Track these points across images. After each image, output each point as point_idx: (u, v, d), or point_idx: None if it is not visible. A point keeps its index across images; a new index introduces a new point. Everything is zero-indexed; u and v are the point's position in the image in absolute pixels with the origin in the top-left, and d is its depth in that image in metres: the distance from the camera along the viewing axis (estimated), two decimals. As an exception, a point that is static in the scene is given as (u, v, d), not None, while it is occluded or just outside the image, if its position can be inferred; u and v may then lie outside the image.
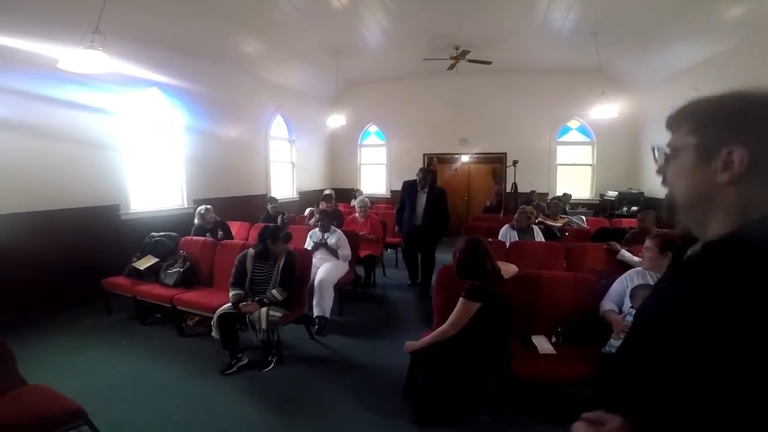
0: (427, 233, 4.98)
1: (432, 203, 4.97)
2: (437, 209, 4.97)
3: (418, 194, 5.02)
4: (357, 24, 5.98)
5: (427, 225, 4.95)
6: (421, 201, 5.00)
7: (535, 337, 2.61)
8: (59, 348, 3.40)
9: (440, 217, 4.99)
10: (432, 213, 4.95)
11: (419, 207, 5.00)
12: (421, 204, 5.00)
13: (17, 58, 3.84)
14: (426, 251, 5.12)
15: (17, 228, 3.98)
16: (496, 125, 8.92)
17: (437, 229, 5.00)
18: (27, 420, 1.78)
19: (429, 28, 6.19)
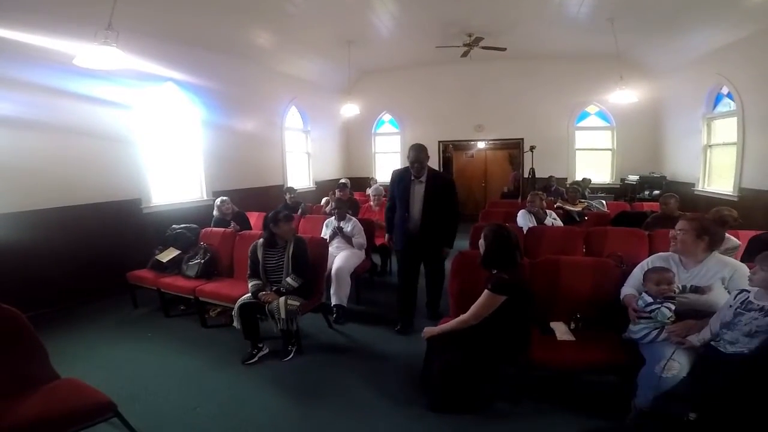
0: (428, 242, 3.53)
1: (433, 198, 3.46)
2: (442, 207, 3.49)
3: (413, 186, 3.51)
4: (367, 13, 5.91)
5: (427, 231, 3.48)
6: (417, 196, 3.49)
7: (553, 324, 2.58)
8: (89, 342, 3.53)
9: (447, 219, 3.54)
10: (433, 212, 3.47)
11: (414, 205, 3.50)
12: (416, 200, 3.49)
13: (38, 55, 3.93)
14: (431, 265, 3.75)
15: (45, 224, 4.13)
16: (512, 111, 8.78)
17: (443, 234, 3.56)
18: (60, 413, 1.83)
19: (441, 16, 6.08)
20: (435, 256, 3.66)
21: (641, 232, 3.72)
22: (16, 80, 3.85)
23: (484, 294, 2.27)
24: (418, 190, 3.49)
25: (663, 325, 2.12)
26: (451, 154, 10.39)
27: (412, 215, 3.50)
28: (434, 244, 3.57)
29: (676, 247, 2.33)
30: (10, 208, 3.87)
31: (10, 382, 1.96)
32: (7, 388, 1.93)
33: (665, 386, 1.94)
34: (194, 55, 5.71)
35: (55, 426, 1.80)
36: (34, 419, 1.76)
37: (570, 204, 5.20)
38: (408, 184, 3.50)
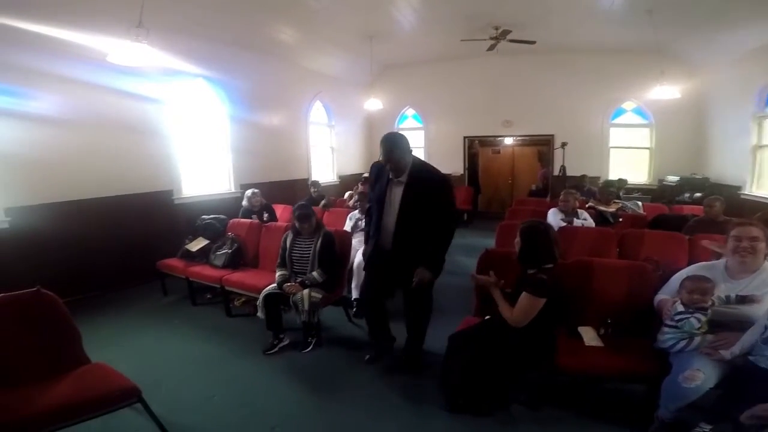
0: (403, 264, 2.64)
1: (414, 205, 2.59)
2: (427, 217, 2.58)
3: (390, 187, 2.68)
4: (388, 8, 5.85)
5: (401, 248, 2.63)
6: (394, 200, 2.66)
7: (581, 328, 2.48)
8: (119, 327, 3.65)
9: (437, 233, 2.63)
10: (412, 224, 2.60)
11: (389, 212, 2.68)
12: (392, 206, 2.66)
13: (76, 52, 4.08)
14: (412, 292, 2.72)
15: (84, 214, 4.31)
16: (542, 107, 8.50)
17: (427, 253, 2.64)
18: (88, 398, 1.90)
19: (465, 9, 5.93)
20: (413, 286, 2.64)
21: (681, 237, 3.52)
22: (56, 77, 4.01)
23: (525, 297, 2.18)
24: (396, 193, 2.62)
25: (691, 335, 2.01)
26: (477, 150, 10.20)
27: (386, 225, 2.65)
28: (411, 267, 2.61)
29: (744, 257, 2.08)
30: (52, 198, 4.06)
31: (45, 365, 2.06)
32: (43, 370, 2.02)
33: (687, 397, 1.86)
34: (222, 51, 5.80)
35: (83, 410, 1.87)
36: (65, 403, 1.83)
37: (603, 204, 4.99)
38: (385, 185, 2.66)
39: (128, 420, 2.25)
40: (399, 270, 2.67)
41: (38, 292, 2.19)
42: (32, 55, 3.80)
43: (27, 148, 3.85)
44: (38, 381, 1.96)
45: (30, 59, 3.80)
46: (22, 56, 3.75)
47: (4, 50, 3.62)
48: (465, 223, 8.43)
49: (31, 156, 3.88)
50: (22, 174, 3.84)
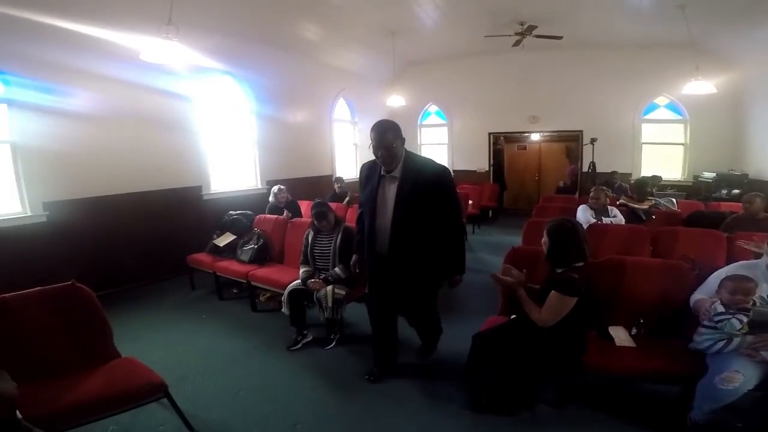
0: (403, 270, 2.40)
1: (410, 202, 2.31)
2: (428, 215, 2.33)
3: (382, 185, 2.41)
4: (410, 4, 5.80)
5: (399, 253, 2.36)
6: (388, 199, 2.38)
7: (612, 328, 2.41)
8: (148, 321, 3.75)
9: (447, 233, 2.41)
10: (410, 224, 2.33)
11: (383, 213, 2.39)
12: (386, 206, 2.38)
13: (110, 50, 4.22)
14: (416, 308, 2.66)
15: (118, 209, 4.48)
16: (570, 102, 8.28)
17: (447, 255, 2.43)
18: (117, 393, 1.94)
19: (489, 5, 5.85)
20: (415, 293, 2.46)
21: (719, 234, 3.36)
22: (92, 74, 4.16)
23: (555, 296, 2.11)
24: (389, 191, 2.33)
25: (731, 336, 1.93)
26: (503, 146, 10.04)
27: (380, 228, 2.35)
28: (412, 274, 2.37)
29: None
30: (86, 193, 4.24)
31: (78, 358, 2.11)
32: (75, 364, 2.08)
33: (724, 399, 1.83)
34: (248, 48, 5.88)
35: (113, 404, 1.92)
36: (96, 397, 1.89)
37: (635, 201, 4.81)
38: (376, 183, 2.38)
39: (155, 414, 2.31)
40: (397, 278, 2.42)
41: (73, 285, 2.24)
42: (69, 53, 3.96)
43: (63, 143, 4.02)
44: (71, 374, 2.01)
45: (67, 57, 3.95)
46: (60, 54, 3.90)
47: (42, 48, 3.78)
48: (490, 221, 8.32)
49: (67, 151, 4.05)
50: (59, 169, 4.01)
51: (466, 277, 2.73)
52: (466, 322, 3.28)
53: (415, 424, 2.29)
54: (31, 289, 2.17)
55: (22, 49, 3.68)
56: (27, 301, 2.11)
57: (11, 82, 3.68)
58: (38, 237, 3.86)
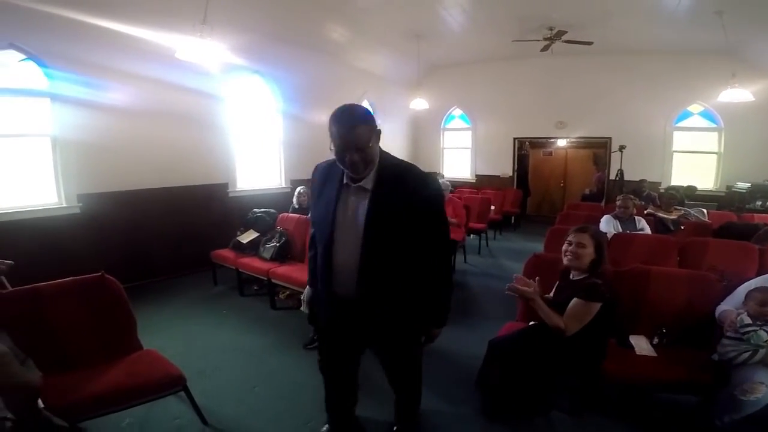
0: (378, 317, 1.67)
1: (389, 223, 1.56)
2: (410, 244, 1.59)
3: (344, 198, 1.63)
4: (436, 7, 5.81)
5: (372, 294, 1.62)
6: (352, 219, 1.60)
7: (633, 337, 2.37)
8: (171, 314, 3.85)
9: (431, 268, 1.68)
10: (389, 256, 1.59)
11: (346, 239, 1.60)
12: (352, 228, 1.59)
13: (145, 48, 4.36)
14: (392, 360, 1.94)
15: (147, 203, 4.63)
16: (598, 108, 8.10)
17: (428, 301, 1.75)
18: (139, 384, 1.98)
19: (518, 11, 5.80)
20: (396, 345, 1.82)
21: (751, 247, 3.23)
22: (127, 71, 4.32)
23: (579, 303, 2.08)
24: (356, 208, 1.59)
25: (756, 347, 1.90)
26: (528, 152, 9.89)
27: (341, 261, 1.61)
28: (392, 322, 1.69)
29: None
30: (117, 186, 4.41)
31: (102, 349, 2.16)
32: (100, 355, 2.13)
33: (746, 409, 1.81)
34: (276, 48, 5.98)
35: (133, 396, 1.96)
36: (115, 389, 1.93)
37: (664, 211, 4.67)
38: (334, 194, 1.62)
39: (170, 406, 2.35)
40: (368, 329, 1.71)
41: (102, 277, 2.28)
42: (108, 51, 4.11)
43: (99, 138, 4.18)
44: (93, 365, 2.05)
45: (105, 54, 4.11)
46: (99, 51, 4.05)
47: (83, 45, 3.94)
48: (512, 227, 8.21)
49: (101, 145, 4.21)
50: (93, 162, 4.17)
51: (486, 283, 2.62)
52: (483, 328, 3.26)
53: (428, 428, 2.28)
54: (62, 279, 2.21)
55: (65, 46, 3.84)
56: (58, 290, 2.16)
57: (54, 76, 3.86)
58: (71, 228, 4.03)
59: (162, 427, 2.25)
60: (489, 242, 6.74)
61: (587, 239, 2.20)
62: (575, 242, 2.21)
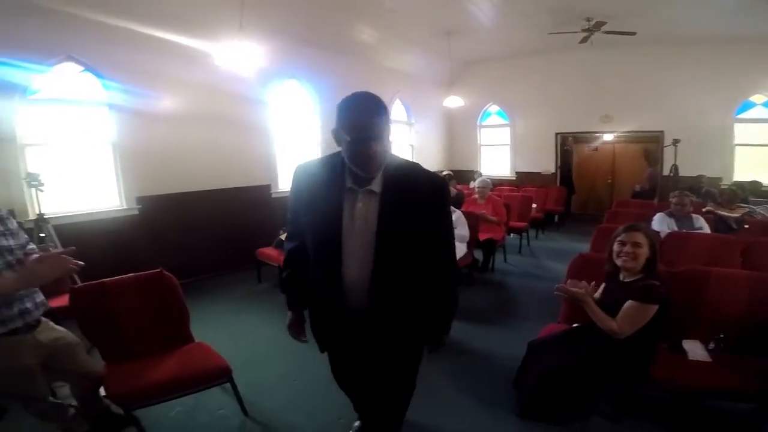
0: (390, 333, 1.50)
1: (402, 233, 1.41)
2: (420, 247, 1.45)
3: (350, 201, 1.42)
4: (465, 3, 5.69)
5: (386, 308, 1.46)
6: (362, 227, 1.41)
7: (687, 342, 2.24)
8: (218, 309, 4.02)
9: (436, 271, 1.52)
10: (401, 264, 1.44)
11: (355, 249, 1.42)
12: (360, 235, 1.41)
13: (187, 55, 4.55)
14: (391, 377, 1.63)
15: (198, 204, 4.89)
16: (648, 101, 7.62)
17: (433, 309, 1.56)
18: (189, 374, 2.08)
19: (550, 3, 5.58)
20: (399, 360, 1.61)
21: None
22: (174, 78, 4.55)
23: (634, 306, 2.00)
24: (365, 213, 1.42)
25: None
26: (571, 147, 9.49)
27: (349, 275, 1.44)
28: (399, 343, 1.55)
29: None
30: (172, 189, 4.69)
31: (158, 341, 2.29)
32: (155, 346, 2.26)
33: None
34: (309, 52, 6.07)
35: (184, 385, 2.07)
36: (170, 378, 2.04)
37: (725, 208, 4.34)
38: (338, 200, 1.42)
39: (216, 397, 2.47)
40: (380, 352, 1.55)
41: (161, 273, 2.40)
42: (156, 59, 4.34)
43: (152, 143, 4.45)
44: (150, 356, 2.17)
45: (154, 63, 4.34)
46: (148, 60, 4.29)
47: (134, 55, 4.19)
48: (555, 226, 7.93)
49: (155, 150, 4.48)
50: (148, 166, 4.44)
51: (527, 283, 2.57)
52: (523, 329, 3.19)
53: (462, 426, 2.27)
54: (125, 275, 2.35)
55: (117, 56, 4.10)
56: (122, 285, 2.30)
57: (110, 87, 4.15)
58: (131, 228, 4.34)
59: (207, 417, 2.36)
60: (530, 241, 6.54)
61: (642, 238, 2.10)
62: (630, 242, 2.11)
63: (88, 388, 2.04)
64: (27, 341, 1.72)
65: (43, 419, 1.90)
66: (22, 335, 1.70)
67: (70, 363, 1.92)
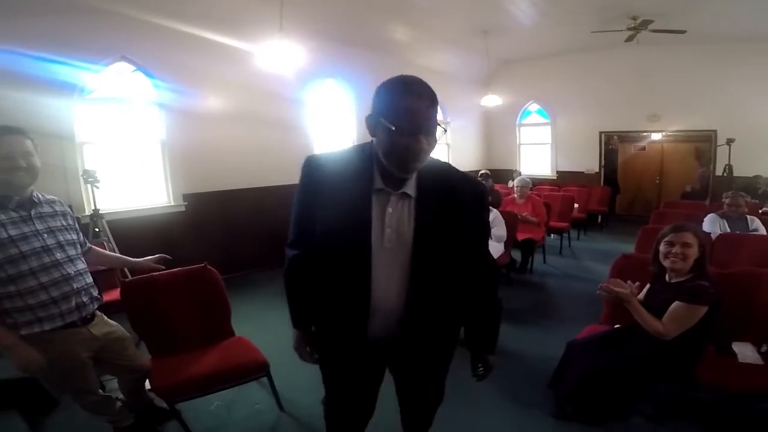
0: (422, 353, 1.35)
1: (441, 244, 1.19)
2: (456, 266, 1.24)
3: (378, 206, 1.17)
4: (503, 2, 5.56)
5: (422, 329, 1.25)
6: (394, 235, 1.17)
7: (737, 344, 2.15)
8: (256, 305, 4.11)
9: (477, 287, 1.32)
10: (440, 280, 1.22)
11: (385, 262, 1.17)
12: (395, 248, 1.17)
13: (226, 53, 4.72)
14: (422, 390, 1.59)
15: (241, 202, 5.09)
16: (699, 99, 7.18)
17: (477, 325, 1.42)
18: (229, 367, 2.11)
19: (593, 1, 5.37)
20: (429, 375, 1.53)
21: None
22: (219, 80, 4.75)
23: (682, 306, 1.93)
24: (396, 222, 1.18)
25: None
26: (616, 147, 9.10)
27: (378, 294, 1.20)
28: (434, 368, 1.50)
29: None
30: (216, 186, 4.89)
31: (201, 335, 2.33)
32: (200, 340, 2.30)
33: None
34: (345, 51, 6.13)
35: (225, 379, 2.11)
36: (212, 371, 2.07)
37: (785, 209, 4.05)
38: (365, 200, 1.18)
39: (253, 392, 2.52)
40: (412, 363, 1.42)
41: (205, 268, 2.43)
42: (201, 60, 4.54)
43: (198, 142, 4.65)
44: (193, 349, 2.20)
45: (200, 63, 4.54)
46: (195, 61, 4.50)
47: (181, 55, 4.39)
48: (598, 227, 7.64)
49: (199, 148, 4.67)
50: (194, 164, 4.65)
51: (567, 284, 2.48)
52: (560, 330, 3.12)
53: (494, 426, 2.25)
54: (173, 269, 2.36)
55: (166, 56, 4.32)
56: (170, 279, 2.33)
57: (160, 86, 4.39)
58: (178, 224, 4.56)
59: (244, 411, 2.42)
60: (572, 242, 6.33)
61: (691, 238, 2.01)
62: (679, 242, 2.02)
63: (136, 382, 2.10)
64: (82, 334, 1.77)
65: (92, 411, 1.94)
66: (77, 328, 1.75)
67: (120, 357, 1.96)
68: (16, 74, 3.41)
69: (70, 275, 1.71)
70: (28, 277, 1.59)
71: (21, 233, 1.61)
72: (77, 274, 1.76)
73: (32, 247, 1.62)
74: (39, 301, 1.62)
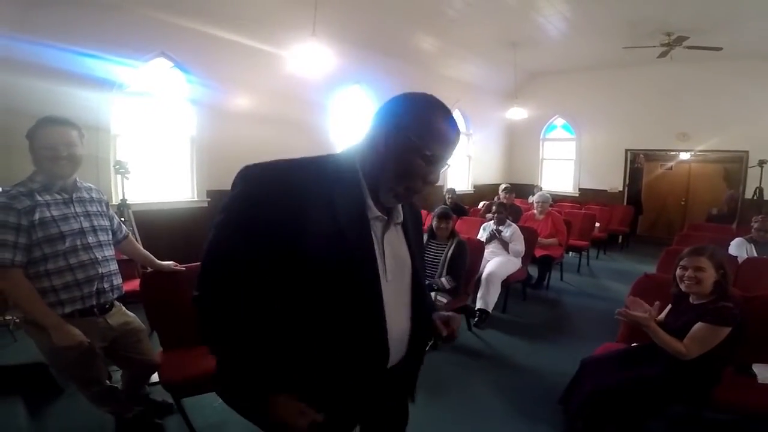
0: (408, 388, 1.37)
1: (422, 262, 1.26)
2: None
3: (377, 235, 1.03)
4: (532, 15, 5.55)
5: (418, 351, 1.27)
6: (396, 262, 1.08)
7: (758, 366, 2.11)
8: None
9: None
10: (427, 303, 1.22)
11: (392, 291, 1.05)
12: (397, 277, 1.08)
13: (258, 56, 4.82)
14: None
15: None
16: (730, 119, 7.01)
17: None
18: None
19: (627, 15, 5.31)
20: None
21: None
22: (249, 81, 4.88)
23: (704, 328, 1.90)
24: (394, 250, 1.08)
25: None
26: (642, 165, 8.94)
27: (391, 325, 1.04)
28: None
29: None
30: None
31: None
32: None
33: None
34: (373, 59, 6.23)
35: None
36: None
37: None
38: (363, 234, 1.00)
39: None
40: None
41: None
42: (232, 60, 4.67)
43: (224, 139, 4.73)
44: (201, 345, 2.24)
45: (231, 64, 4.67)
46: (226, 61, 4.63)
47: (215, 55, 4.53)
48: (619, 247, 7.49)
49: (226, 146, 4.72)
50: (219, 161, 4.68)
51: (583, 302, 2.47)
52: (574, 347, 3.07)
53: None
54: (193, 263, 2.37)
55: (201, 56, 4.47)
56: (189, 274, 2.28)
57: (194, 82, 4.52)
58: (199, 220, 4.64)
59: None
60: (590, 261, 6.22)
61: (705, 262, 1.98)
62: (691, 267, 2.00)
63: (143, 376, 2.10)
64: (98, 324, 1.78)
65: (96, 401, 1.93)
66: (94, 317, 1.76)
67: (132, 349, 1.95)
68: (61, 70, 3.58)
69: (98, 259, 1.78)
70: (60, 257, 1.66)
71: (62, 214, 1.69)
72: (104, 259, 1.82)
73: (71, 228, 1.70)
74: (64, 282, 1.67)
